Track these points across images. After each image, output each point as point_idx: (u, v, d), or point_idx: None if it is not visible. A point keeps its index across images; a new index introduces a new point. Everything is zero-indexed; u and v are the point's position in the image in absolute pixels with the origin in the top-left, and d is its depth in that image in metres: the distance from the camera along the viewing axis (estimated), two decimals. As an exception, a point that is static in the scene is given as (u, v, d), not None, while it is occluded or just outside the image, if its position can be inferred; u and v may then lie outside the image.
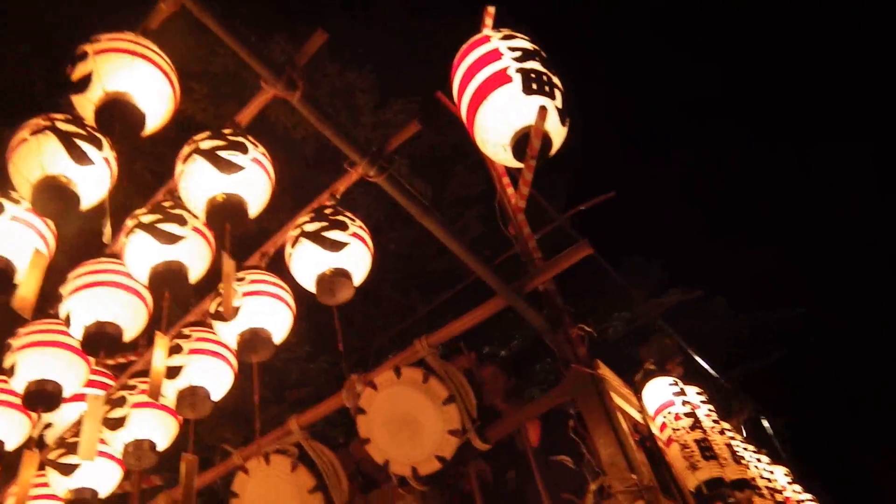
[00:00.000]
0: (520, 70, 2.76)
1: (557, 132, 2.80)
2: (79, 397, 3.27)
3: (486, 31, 3.02)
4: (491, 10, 3.15)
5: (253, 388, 3.42)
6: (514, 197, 4.16)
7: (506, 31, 2.95)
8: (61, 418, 3.41)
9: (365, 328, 8.95)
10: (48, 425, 3.40)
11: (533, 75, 2.78)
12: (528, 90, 2.73)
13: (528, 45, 2.88)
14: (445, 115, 4.43)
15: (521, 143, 2.78)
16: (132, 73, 2.27)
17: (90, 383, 3.25)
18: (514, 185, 4.19)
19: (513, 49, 2.84)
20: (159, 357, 2.45)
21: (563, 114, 2.78)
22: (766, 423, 9.99)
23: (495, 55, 2.84)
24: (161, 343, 2.49)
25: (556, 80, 2.84)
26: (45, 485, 3.40)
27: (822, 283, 13.78)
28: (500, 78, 2.78)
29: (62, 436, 3.40)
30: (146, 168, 6.45)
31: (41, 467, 3.47)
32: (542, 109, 2.70)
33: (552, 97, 2.75)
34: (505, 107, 2.76)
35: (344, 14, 8.47)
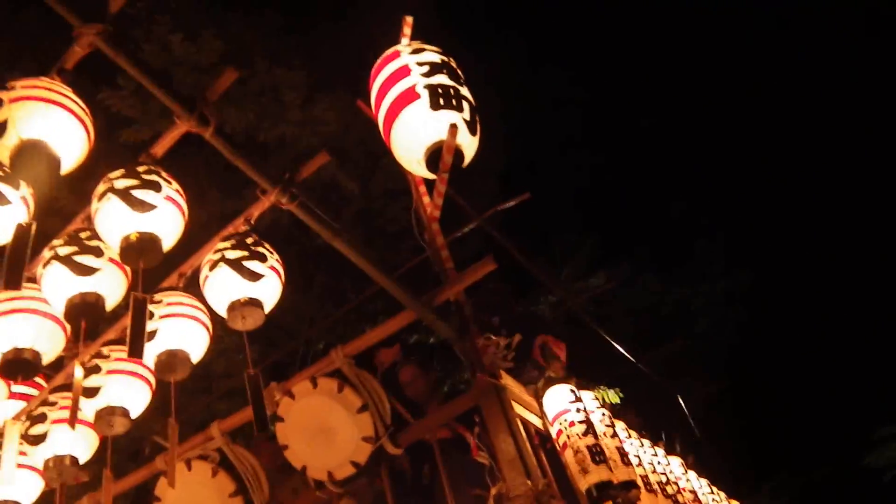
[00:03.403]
0: (427, 86, 2.87)
1: (469, 144, 2.93)
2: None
3: (400, 44, 3.11)
4: (409, 20, 3.22)
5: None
6: (429, 206, 4.35)
7: (416, 45, 3.06)
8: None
9: (298, 316, 9.05)
10: None
11: (440, 90, 2.88)
12: (435, 105, 2.84)
13: (437, 59, 2.99)
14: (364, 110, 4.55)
15: (433, 157, 2.91)
16: (47, 120, 2.36)
17: (11, 395, 3.35)
18: (431, 194, 4.39)
19: (421, 64, 2.95)
20: (77, 387, 2.58)
21: (472, 125, 2.90)
22: (681, 402, 10.52)
23: (404, 71, 2.95)
24: (77, 371, 2.61)
25: (464, 91, 2.95)
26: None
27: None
28: (409, 95, 2.90)
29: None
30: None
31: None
32: (453, 127, 2.82)
33: (460, 110, 2.87)
34: (415, 124, 2.88)
35: (276, 9, 8.46)
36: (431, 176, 3.05)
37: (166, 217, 2.64)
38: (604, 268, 13.00)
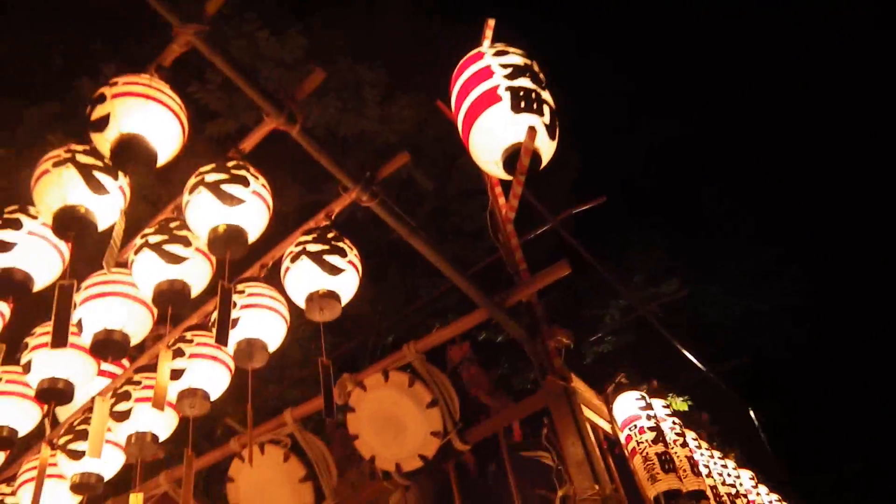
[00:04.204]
0: (509, 88, 2.88)
1: (547, 148, 2.93)
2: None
3: (483, 46, 3.13)
4: (491, 22, 3.22)
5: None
6: (504, 207, 4.36)
7: (499, 47, 3.06)
8: (71, 406, 3.67)
9: (371, 309, 9.19)
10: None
11: (522, 93, 2.88)
12: (516, 109, 2.84)
13: (520, 61, 2.99)
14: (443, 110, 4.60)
15: (511, 159, 2.92)
16: (145, 115, 2.48)
17: (100, 373, 3.53)
18: (506, 195, 4.40)
19: (504, 66, 2.95)
20: (164, 372, 2.70)
21: (551, 129, 2.90)
22: (753, 416, 10.25)
23: (487, 73, 2.96)
24: (165, 356, 2.74)
25: (545, 95, 2.95)
26: (54, 465, 3.66)
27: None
28: (490, 97, 2.90)
29: (71, 422, 3.66)
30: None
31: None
32: (532, 130, 2.82)
33: (540, 114, 2.87)
34: (494, 126, 2.90)
35: (359, 8, 8.60)
36: (508, 177, 3.05)
37: (253, 211, 2.73)
38: (676, 275, 12.78)
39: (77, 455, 3.44)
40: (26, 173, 2.68)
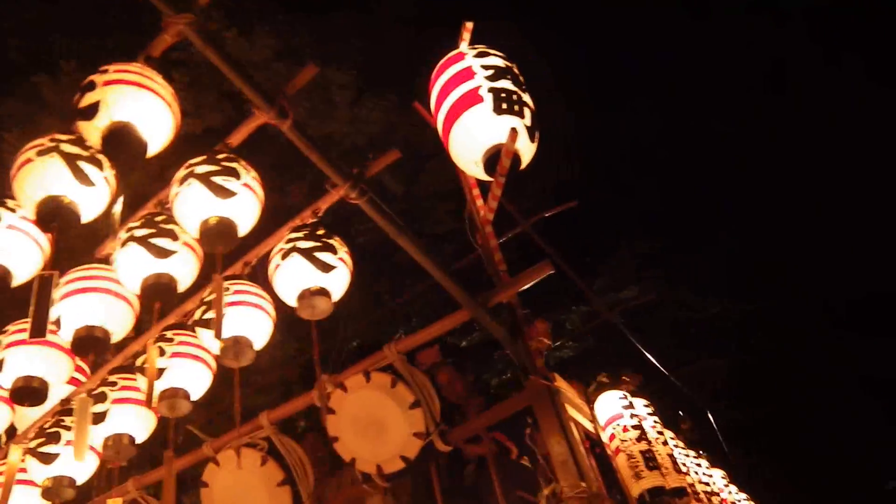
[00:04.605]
0: (491, 90, 2.90)
1: (527, 149, 2.95)
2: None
3: (462, 46, 3.17)
4: (468, 25, 3.23)
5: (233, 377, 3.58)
6: (483, 209, 4.36)
7: (480, 48, 3.07)
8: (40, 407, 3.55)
9: (333, 317, 9.11)
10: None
11: (503, 94, 2.91)
12: (498, 110, 2.87)
13: (501, 63, 3.01)
14: (419, 112, 4.60)
15: (491, 160, 2.95)
16: (137, 104, 2.42)
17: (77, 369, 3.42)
18: (484, 196, 4.41)
19: (486, 67, 2.97)
20: (152, 369, 2.63)
21: (532, 131, 2.92)
22: (711, 419, 10.44)
23: (468, 74, 2.97)
24: (152, 353, 2.66)
25: (526, 97, 2.97)
26: (23, 470, 3.54)
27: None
28: (472, 98, 2.92)
29: (41, 425, 3.53)
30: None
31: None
32: (513, 131, 2.85)
33: (521, 116, 2.89)
34: (476, 126, 2.91)
35: (327, 12, 8.55)
36: (487, 178, 3.07)
37: (244, 204, 2.69)
38: (638, 282, 12.96)
39: (49, 458, 3.33)
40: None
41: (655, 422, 3.82)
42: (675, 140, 13.42)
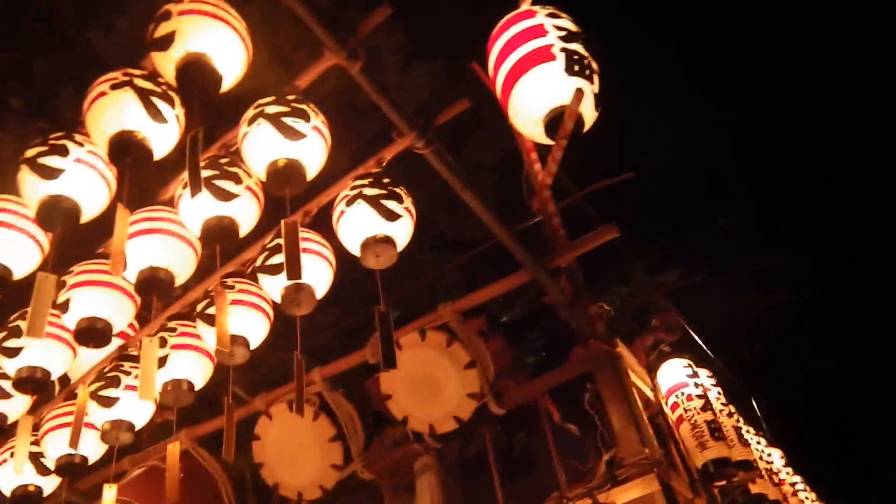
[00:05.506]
0: (564, 50, 2.81)
1: (590, 116, 2.87)
2: (121, 334, 3.45)
3: (526, 5, 3.08)
4: None
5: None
6: (541, 173, 4.28)
7: (551, 9, 2.98)
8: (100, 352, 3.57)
9: (371, 285, 9.08)
10: None
11: (576, 57, 2.82)
12: (570, 71, 2.78)
13: (573, 27, 2.93)
14: (468, 81, 4.52)
15: (554, 121, 2.85)
16: (213, 35, 2.38)
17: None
18: (542, 161, 4.33)
19: (558, 28, 2.89)
20: (222, 308, 2.61)
21: (598, 99, 2.85)
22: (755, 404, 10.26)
23: (540, 31, 2.88)
24: (221, 294, 2.64)
25: (595, 65, 2.89)
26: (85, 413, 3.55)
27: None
28: (543, 54, 2.83)
29: (101, 369, 3.55)
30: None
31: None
32: (579, 92, 2.76)
33: (591, 81, 2.82)
34: (544, 84, 2.83)
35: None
36: (545, 141, 2.97)
37: (313, 147, 2.64)
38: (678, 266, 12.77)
39: (109, 402, 3.34)
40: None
41: (719, 393, 3.73)
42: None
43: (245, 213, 2.84)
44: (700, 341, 8.60)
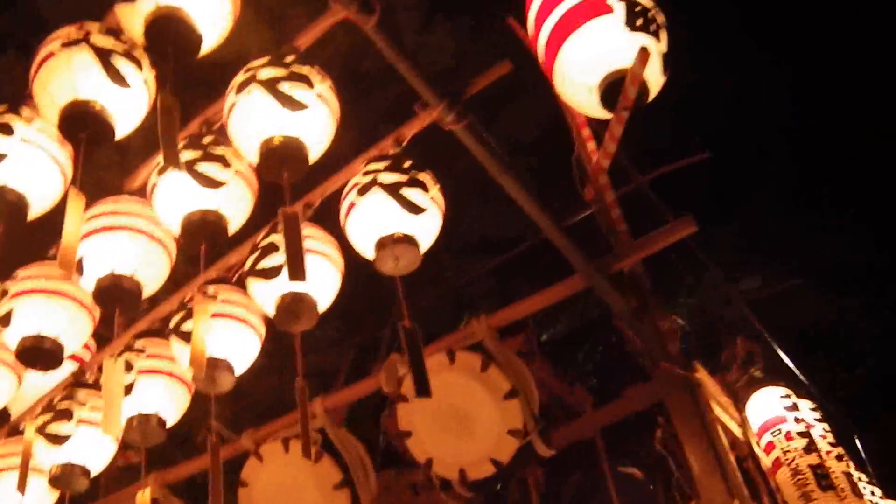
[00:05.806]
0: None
1: (656, 82, 2.77)
2: (74, 357, 3.41)
3: None
4: None
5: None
6: (596, 154, 4.19)
7: None
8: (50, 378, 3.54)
9: (382, 294, 9.04)
10: None
11: (638, 8, 2.73)
12: (632, 25, 2.68)
13: None
14: (498, 42, 4.45)
15: (612, 88, 2.75)
16: (190, -13, 2.33)
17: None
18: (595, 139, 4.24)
19: None
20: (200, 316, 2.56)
21: (666, 61, 2.75)
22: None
23: None
24: (200, 304, 2.59)
25: (662, 19, 2.79)
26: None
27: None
28: (597, 6, 2.73)
29: (50, 400, 3.51)
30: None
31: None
32: (643, 51, 2.66)
33: (657, 38, 2.72)
34: (600, 41, 2.73)
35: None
36: (599, 113, 2.89)
37: (317, 120, 2.59)
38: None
39: (59, 440, 3.30)
40: None
41: (825, 430, 3.63)
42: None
43: (234, 204, 2.81)
44: (793, 365, 8.49)
